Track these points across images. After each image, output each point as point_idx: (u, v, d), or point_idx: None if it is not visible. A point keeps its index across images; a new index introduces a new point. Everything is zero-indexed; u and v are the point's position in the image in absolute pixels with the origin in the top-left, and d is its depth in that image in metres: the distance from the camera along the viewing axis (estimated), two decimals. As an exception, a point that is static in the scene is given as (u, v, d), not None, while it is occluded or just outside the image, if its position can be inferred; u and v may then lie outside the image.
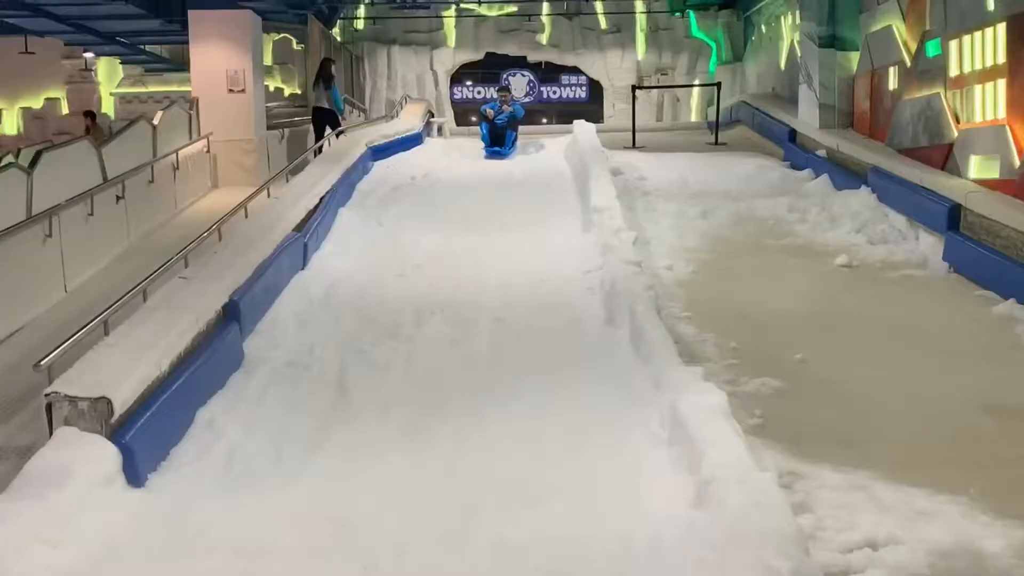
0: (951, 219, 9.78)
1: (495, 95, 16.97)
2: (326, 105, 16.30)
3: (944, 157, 10.89)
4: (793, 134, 15.72)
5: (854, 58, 14.41)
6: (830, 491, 5.28)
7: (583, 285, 9.30)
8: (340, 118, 16.65)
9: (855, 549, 4.61)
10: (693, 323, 8.19)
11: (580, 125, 16.98)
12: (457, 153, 16.84)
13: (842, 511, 5.03)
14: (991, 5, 9.87)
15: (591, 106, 28.34)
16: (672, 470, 5.29)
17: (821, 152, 14.13)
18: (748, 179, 13.86)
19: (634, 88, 19.90)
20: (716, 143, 17.87)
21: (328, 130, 15.91)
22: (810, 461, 5.67)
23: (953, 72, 10.76)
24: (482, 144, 16.28)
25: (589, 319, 8.44)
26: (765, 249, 10.71)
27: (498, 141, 15.84)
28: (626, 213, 11.27)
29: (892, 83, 12.78)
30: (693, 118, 25.39)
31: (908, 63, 12.13)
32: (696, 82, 25.77)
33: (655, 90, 26.20)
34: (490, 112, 16.15)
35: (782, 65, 19.21)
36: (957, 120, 10.71)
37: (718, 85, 20.43)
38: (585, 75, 28.66)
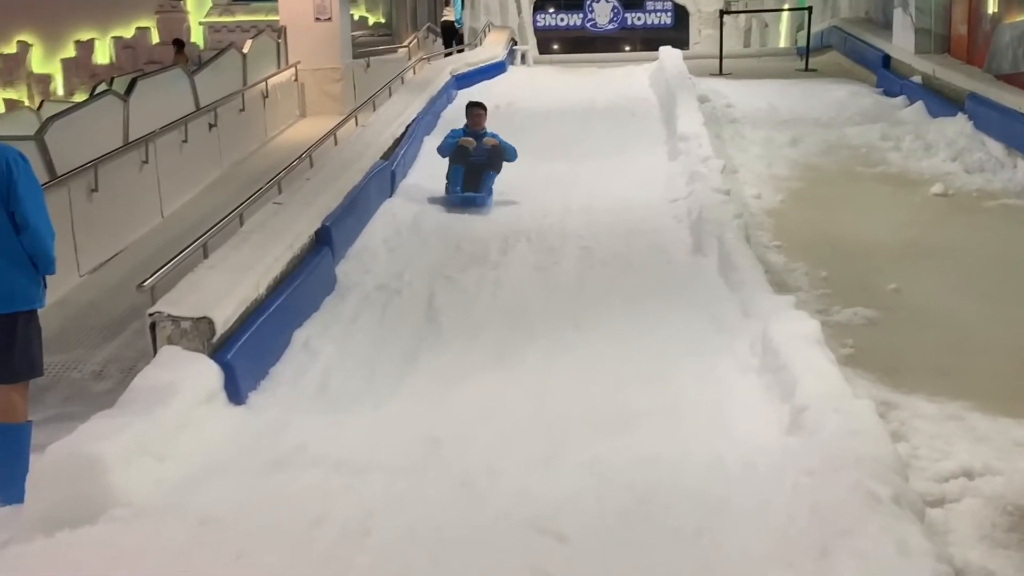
0: (1052, 147, 9.48)
1: (469, 121, 10.44)
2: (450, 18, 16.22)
3: (1047, 83, 10.53)
4: (887, 59, 15.29)
5: (953, -20, 13.93)
6: (925, 421, 5.23)
7: (669, 213, 9.25)
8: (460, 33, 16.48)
9: (951, 479, 4.57)
10: (783, 252, 8.10)
11: (666, 51, 16.72)
12: (540, 81, 16.71)
13: (937, 441, 4.99)
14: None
15: (677, 32, 27.83)
16: (763, 397, 5.27)
17: (916, 78, 13.74)
18: (839, 106, 13.56)
19: (721, 13, 19.53)
20: (806, 69, 17.47)
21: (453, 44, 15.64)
22: (904, 391, 5.62)
23: (1059, -6, 10.35)
24: (452, 181, 10.17)
25: (676, 247, 8.40)
26: (857, 177, 10.51)
27: (472, 184, 9.98)
28: (713, 141, 11.13)
29: (991, 6, 12.33)
30: (782, 44, 24.79)
31: (1011, -15, 11.69)
32: (786, 6, 25.10)
33: (743, 15, 25.63)
34: (469, 143, 10.10)
35: (876, -12, 18.63)
36: (1062, 44, 10.33)
37: (809, 9, 19.88)
38: (671, 0, 28.12)
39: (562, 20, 28.60)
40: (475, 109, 10.41)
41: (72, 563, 3.93)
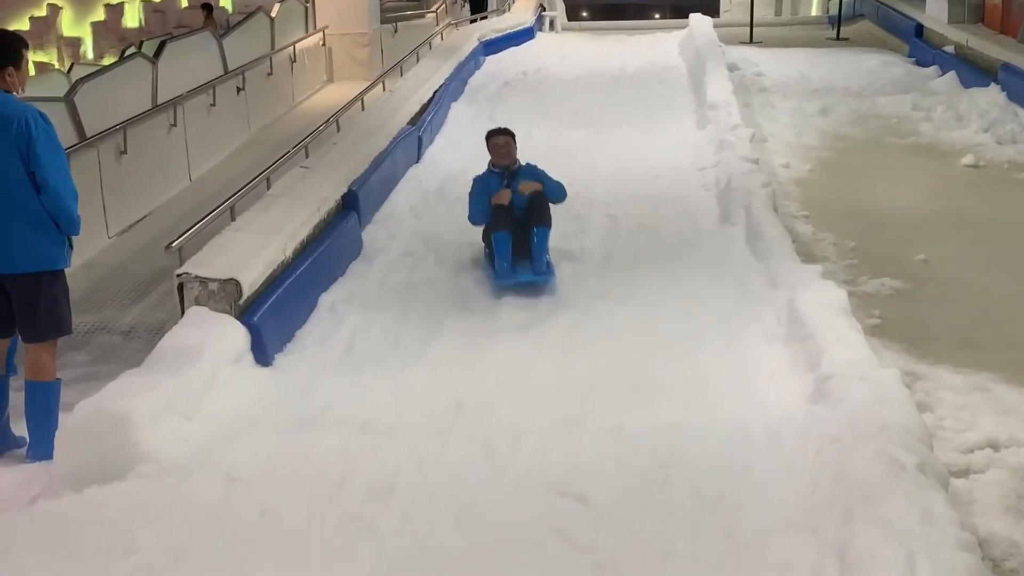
0: (1087, 119, 9.35)
1: (492, 155, 7.45)
2: None
3: (1083, 54, 10.37)
4: (919, 29, 15.10)
5: (988, -51, 13.71)
6: (950, 392, 5.22)
7: (697, 182, 9.19)
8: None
9: (976, 449, 4.57)
10: (811, 222, 8.05)
11: (696, 19, 16.56)
12: (568, 48, 16.61)
13: (963, 412, 4.97)
14: None
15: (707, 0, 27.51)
16: (789, 366, 5.26)
17: (949, 48, 13.56)
18: (871, 75, 13.42)
19: (753, -19, 19.26)
20: (837, 38, 17.27)
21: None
22: (930, 362, 5.60)
23: (1098, -37, 10.17)
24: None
25: (703, 216, 8.35)
26: (887, 148, 10.41)
27: (522, 250, 6.96)
28: (742, 110, 11.03)
29: (1029, -25, 12.15)
30: (813, 12, 24.45)
31: (1049, -46, 11.50)
32: (817, -25, 24.81)
33: (774, -17, 25.31)
34: (503, 199, 7.08)
35: (910, -43, 18.37)
36: (1100, 14, 10.16)
37: (841, -22, 19.65)
38: (701, -32, 27.80)
39: (591, -13, 28.34)
40: (497, 138, 7.38)
41: (100, 519, 3.98)
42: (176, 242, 5.94)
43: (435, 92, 11.75)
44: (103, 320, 7.04)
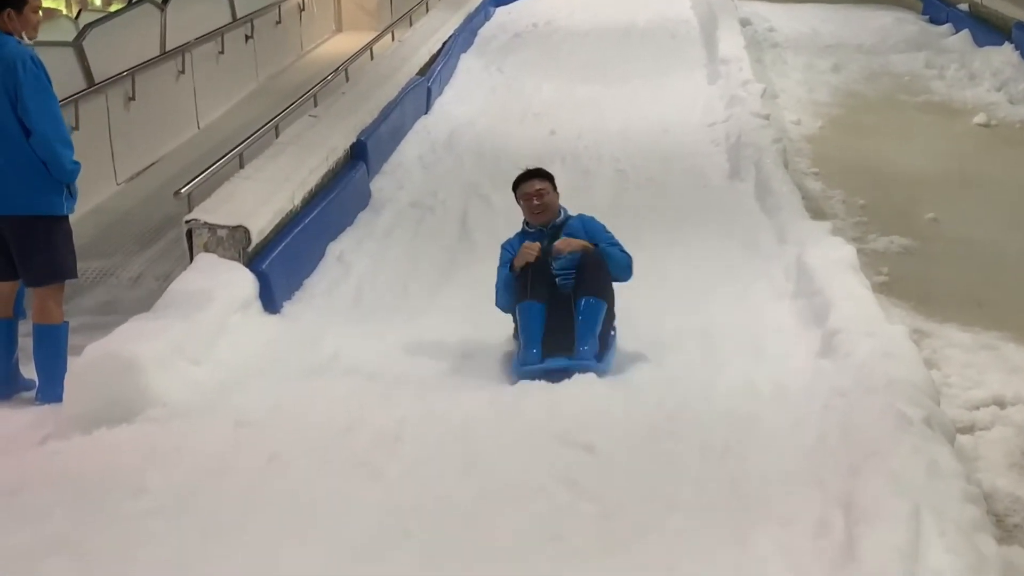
0: (1102, 80, 9.27)
1: (524, 211, 5.36)
2: None
3: (1100, 13, 10.25)
4: (934, -13, 14.91)
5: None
6: (957, 350, 5.22)
7: (707, 137, 9.14)
8: None
9: (981, 407, 4.57)
10: (821, 179, 8.03)
11: (709, -27, 16.36)
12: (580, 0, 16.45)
13: (969, 370, 4.98)
14: None
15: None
16: (796, 322, 5.26)
17: (963, 6, 13.40)
18: (884, 32, 13.28)
19: (767, -64, 19.02)
20: (851, -5, 17.06)
21: None
22: (937, 320, 5.59)
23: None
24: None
25: (713, 171, 8.32)
26: (899, 105, 10.34)
27: (560, 334, 4.92)
28: (754, 65, 10.94)
29: (1046, -68, 11.99)
30: (826, -30, 24.21)
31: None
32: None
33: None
34: (529, 252, 5.05)
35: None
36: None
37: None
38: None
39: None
40: (528, 185, 5.27)
41: (109, 460, 4.00)
42: (185, 188, 5.93)
43: (444, 43, 11.67)
44: (111, 266, 7.04)
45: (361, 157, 7.80)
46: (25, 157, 4.76)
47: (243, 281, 5.56)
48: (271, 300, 5.70)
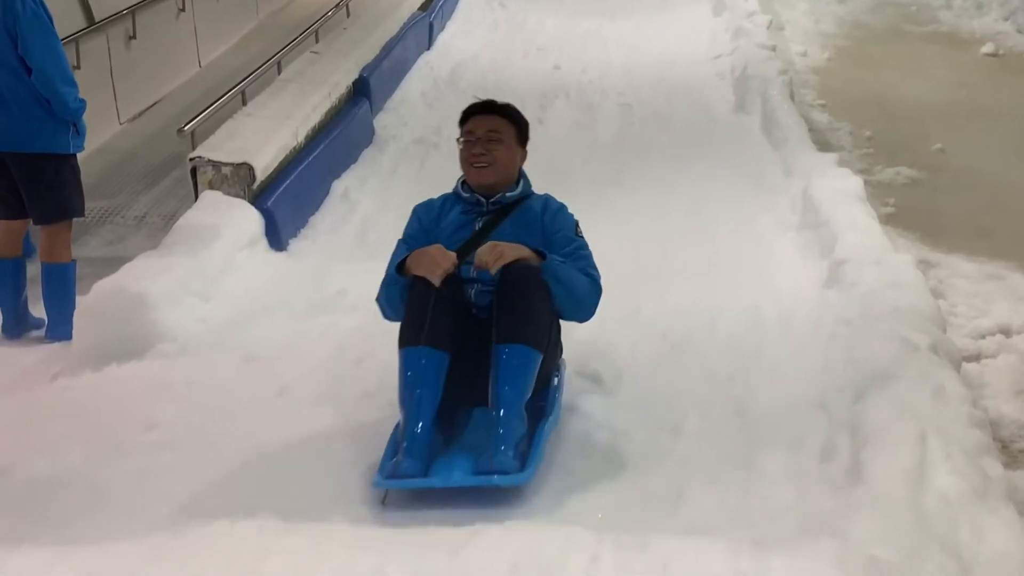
0: (1113, 7, 9.16)
1: (462, 160, 3.66)
2: None
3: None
4: (943, -85, 14.67)
5: None
6: (964, 279, 5.23)
7: (713, 70, 9.07)
8: None
9: (987, 335, 4.60)
10: (827, 111, 7.99)
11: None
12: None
13: (975, 299, 4.99)
14: None
15: None
16: (802, 253, 5.24)
17: (973, -66, 13.20)
18: (891, -38, 13.11)
19: None
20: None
21: None
22: (944, 250, 5.60)
23: None
24: None
25: (718, 104, 8.27)
26: (906, 36, 10.25)
27: (474, 373, 3.25)
28: (760, -4, 10.83)
29: None
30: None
31: None
32: None
33: None
34: (440, 265, 3.27)
35: None
36: None
37: None
38: None
39: None
40: (476, 122, 3.69)
41: (120, 395, 4.04)
42: (188, 125, 5.91)
43: (446, -23, 11.51)
44: (116, 206, 7.03)
45: (364, 94, 7.75)
46: (29, 95, 4.75)
47: (249, 218, 5.56)
48: (277, 237, 5.70)
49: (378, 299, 3.58)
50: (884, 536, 2.37)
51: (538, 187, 3.53)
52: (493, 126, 3.60)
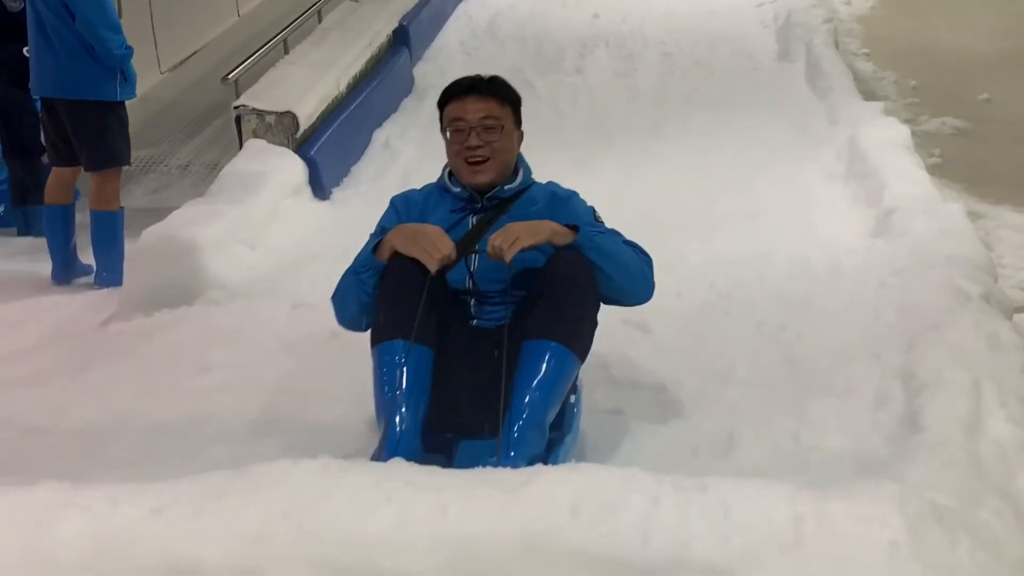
0: None
1: (450, 155, 2.96)
2: None
3: None
4: None
5: None
6: (1011, 231, 5.19)
7: (755, 18, 8.97)
8: None
9: (1035, 285, 4.56)
10: (872, 60, 7.89)
11: None
12: None
13: (1022, 250, 4.94)
14: None
15: None
16: (849, 203, 5.21)
17: None
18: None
19: None
20: None
21: None
22: (990, 201, 5.55)
23: None
24: None
25: (761, 53, 8.18)
26: (953, -16, 10.06)
27: (465, 392, 2.77)
28: (802, -57, 10.63)
29: None
30: None
31: None
32: None
33: None
34: (439, 252, 2.63)
35: None
36: None
37: None
38: None
39: None
40: (462, 107, 2.93)
41: (171, 340, 4.08)
42: (232, 74, 5.92)
43: (483, -75, 11.39)
44: (159, 154, 7.09)
45: (404, 42, 7.74)
46: (76, 41, 4.78)
47: (293, 167, 5.58)
48: (320, 186, 5.73)
49: (334, 297, 2.98)
50: (942, 482, 2.36)
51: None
52: (487, 111, 2.93)
